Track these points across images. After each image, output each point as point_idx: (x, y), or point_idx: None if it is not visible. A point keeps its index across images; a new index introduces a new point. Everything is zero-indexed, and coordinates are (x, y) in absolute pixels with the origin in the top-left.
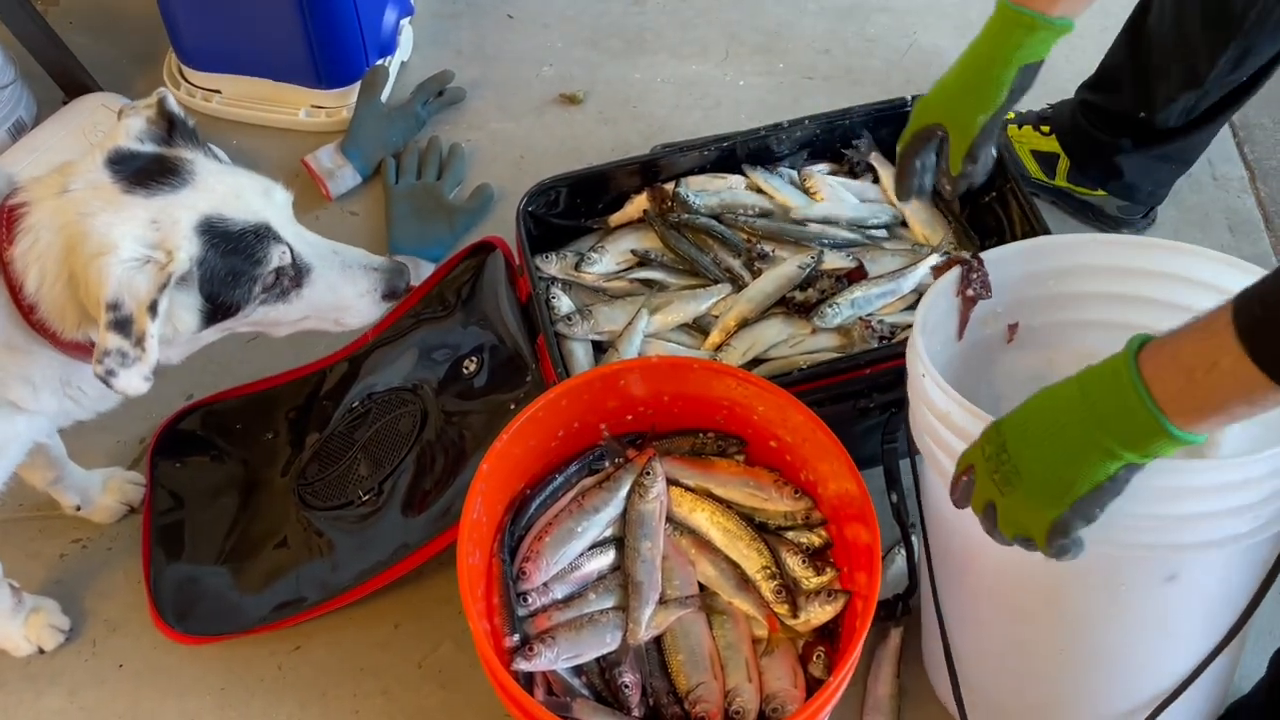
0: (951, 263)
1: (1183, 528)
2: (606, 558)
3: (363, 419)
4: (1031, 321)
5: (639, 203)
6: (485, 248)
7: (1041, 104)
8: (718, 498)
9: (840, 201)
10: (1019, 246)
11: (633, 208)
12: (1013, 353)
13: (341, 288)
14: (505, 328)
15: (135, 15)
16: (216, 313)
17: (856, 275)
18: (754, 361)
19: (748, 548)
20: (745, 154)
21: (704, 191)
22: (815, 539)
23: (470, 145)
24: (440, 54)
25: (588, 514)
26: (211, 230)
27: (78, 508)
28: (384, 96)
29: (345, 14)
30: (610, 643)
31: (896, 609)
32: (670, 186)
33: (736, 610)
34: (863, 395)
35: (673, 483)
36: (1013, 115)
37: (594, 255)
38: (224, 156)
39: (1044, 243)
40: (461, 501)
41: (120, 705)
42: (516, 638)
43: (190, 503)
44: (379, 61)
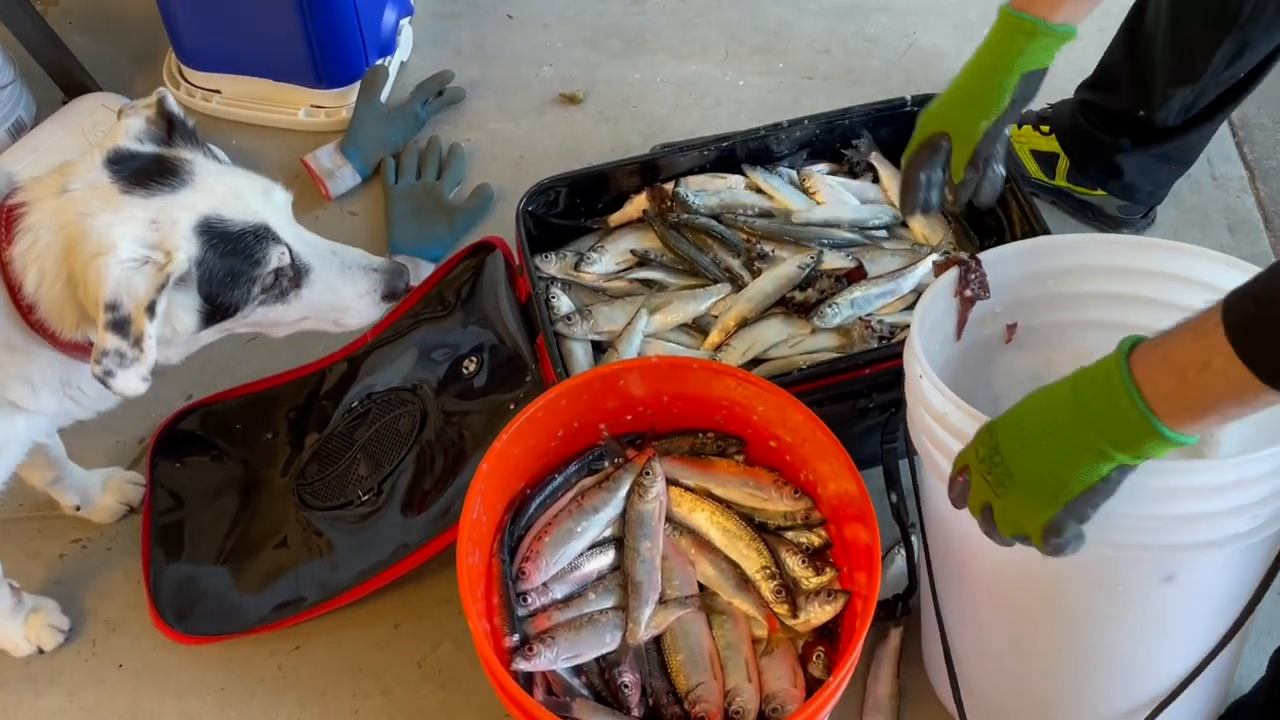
0: (949, 263)
1: (1181, 528)
2: (606, 558)
3: (362, 419)
4: (1030, 322)
5: (639, 203)
6: (485, 248)
7: (1041, 104)
8: (717, 498)
9: (841, 203)
10: (1017, 246)
11: (632, 208)
12: (1011, 353)
13: (341, 288)
14: (505, 328)
15: (135, 15)
16: (215, 313)
17: (856, 275)
18: (753, 361)
19: (747, 548)
20: (745, 154)
21: (704, 191)
22: (815, 539)
23: (470, 145)
24: (440, 54)
25: (587, 514)
26: (210, 231)
27: (77, 508)
28: (384, 96)
29: (345, 14)
30: (610, 643)
31: (896, 609)
32: (670, 186)
33: (736, 610)
34: (862, 395)
35: (672, 483)
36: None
37: (594, 255)
38: (223, 157)
39: (1043, 243)
40: (461, 501)
41: (120, 705)
42: (516, 638)
43: (190, 503)
44: (379, 61)
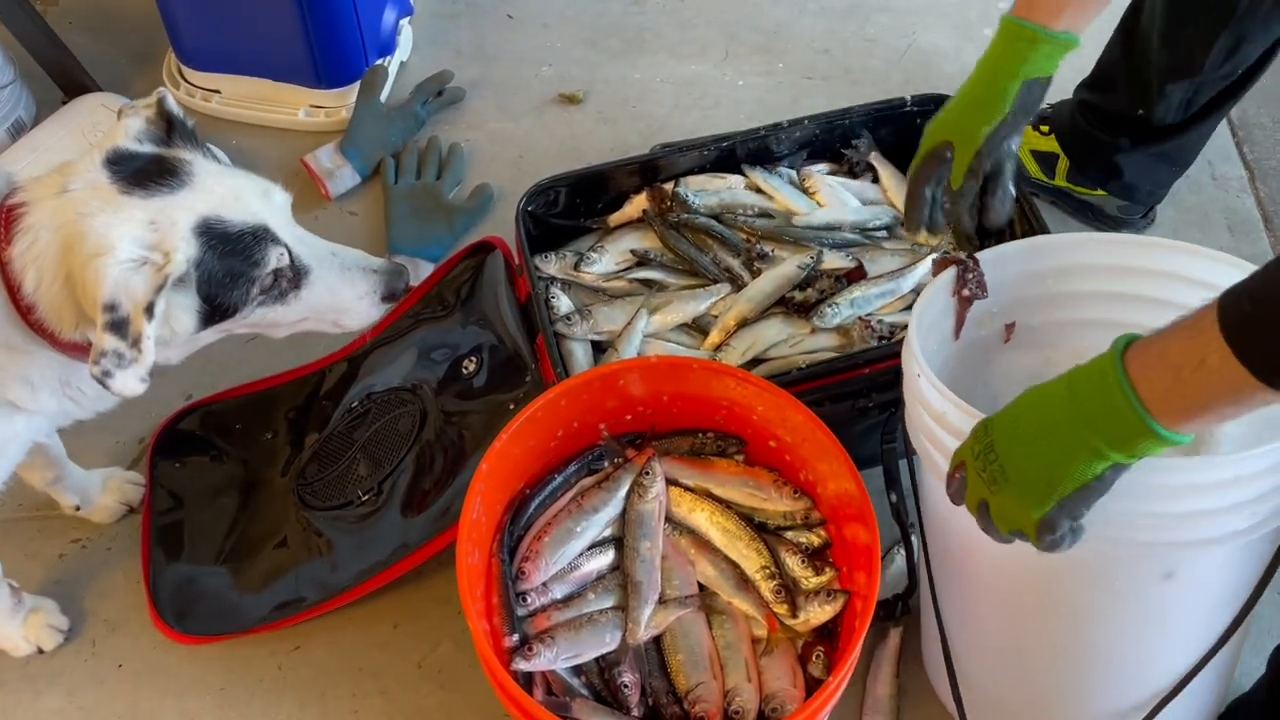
0: (947, 262)
1: (1179, 525)
2: (606, 557)
3: (362, 419)
4: (1029, 321)
5: (638, 203)
6: (484, 248)
7: (1041, 104)
8: (717, 497)
9: (841, 205)
10: (1016, 246)
11: (632, 208)
12: (1010, 352)
13: (340, 290)
14: (505, 328)
15: (135, 15)
16: (214, 314)
17: (856, 275)
18: (753, 361)
19: (747, 547)
20: (745, 154)
21: (703, 191)
22: (814, 539)
23: (469, 145)
24: (440, 54)
25: (587, 514)
26: (209, 232)
27: (77, 508)
28: (383, 96)
29: (345, 14)
30: (609, 642)
31: (896, 609)
32: (670, 186)
33: (736, 610)
34: (862, 395)
35: (672, 482)
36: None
37: (593, 255)
38: (223, 157)
39: (1041, 242)
40: (461, 501)
41: (119, 705)
42: (516, 637)
43: (190, 503)
44: (378, 61)
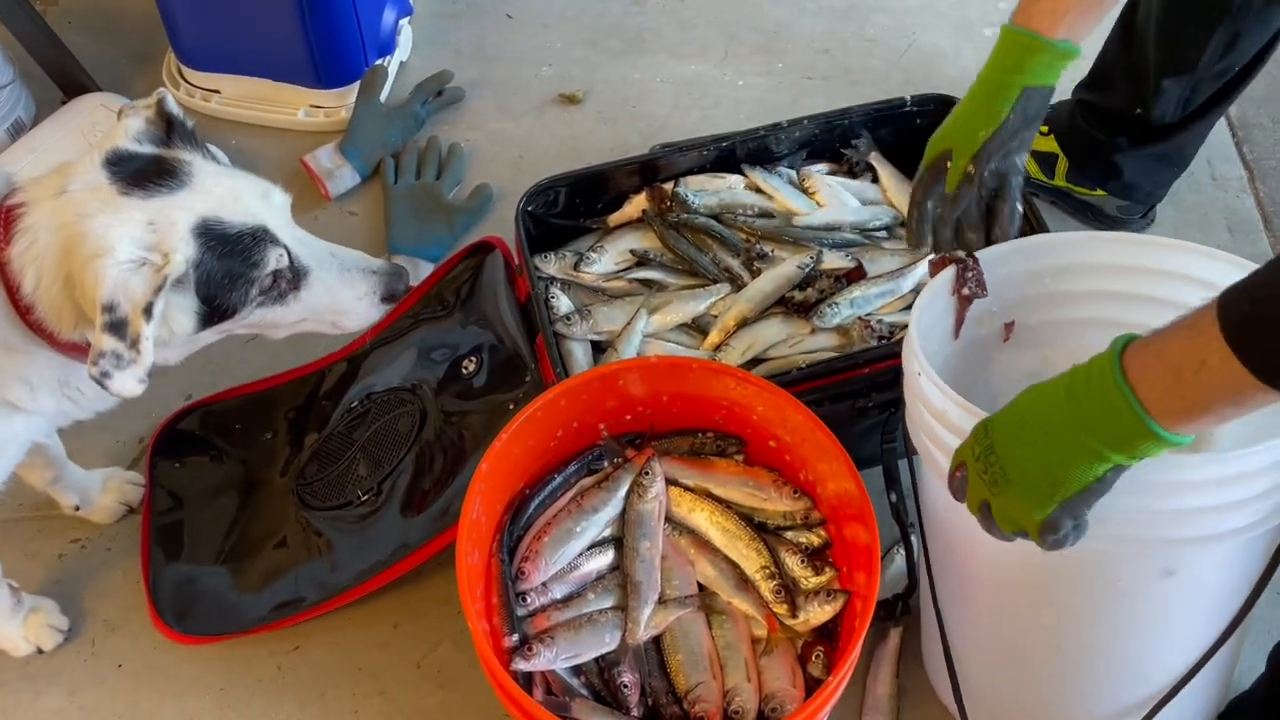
0: (946, 261)
1: (1180, 522)
2: (605, 557)
3: (362, 419)
4: (1028, 320)
5: (638, 202)
6: (484, 247)
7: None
8: (717, 497)
9: (841, 205)
10: (1015, 245)
11: (632, 208)
12: (1009, 351)
13: (339, 291)
14: (504, 327)
15: (134, 15)
16: (213, 315)
17: (855, 275)
18: (753, 361)
19: (747, 547)
20: (744, 154)
21: (703, 191)
22: (814, 539)
23: (469, 145)
24: (439, 54)
25: (586, 514)
26: (209, 233)
27: (77, 508)
28: (383, 96)
29: (344, 14)
30: (609, 642)
31: (896, 609)
32: (669, 186)
33: (735, 610)
34: (861, 395)
35: (671, 482)
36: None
37: (593, 255)
38: (223, 158)
39: (1040, 241)
40: (460, 501)
41: (119, 705)
42: (515, 637)
43: (189, 503)
44: (378, 61)
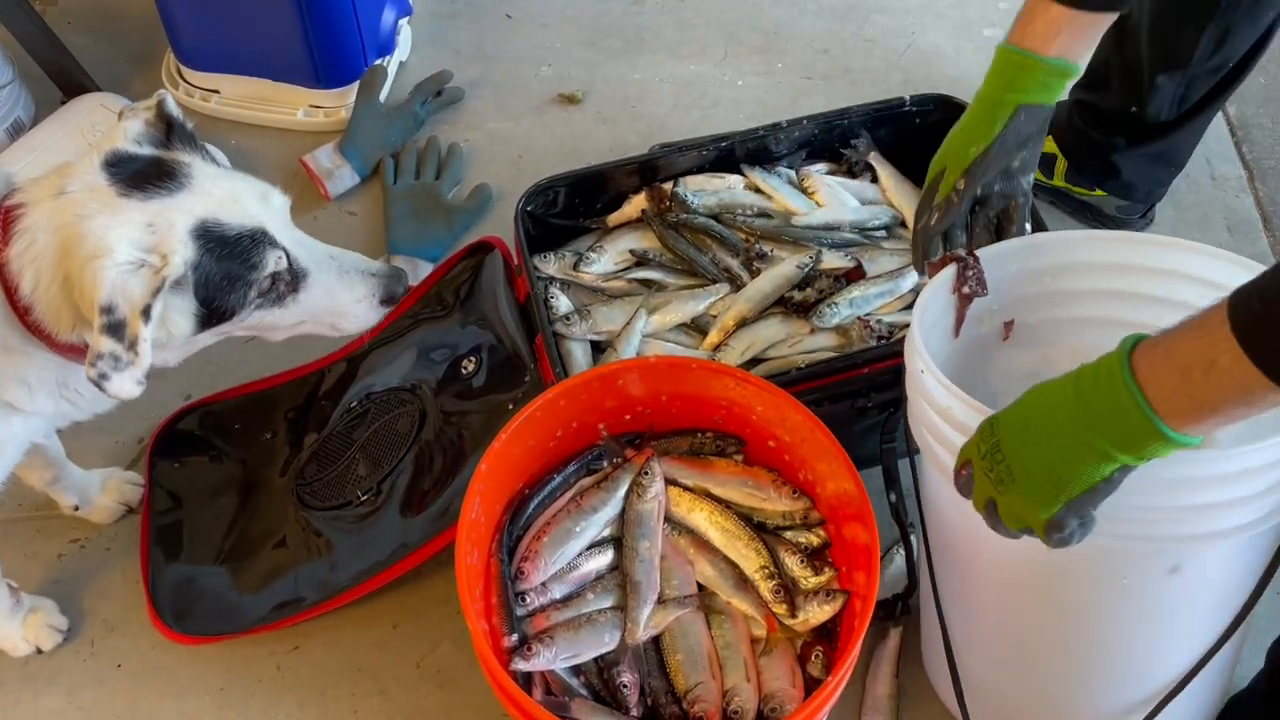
0: (946, 260)
1: (1186, 519)
2: (605, 557)
3: (361, 419)
4: (1028, 319)
5: (637, 202)
6: (484, 248)
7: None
8: (716, 497)
9: (840, 205)
10: (1014, 243)
11: (631, 207)
12: (1009, 350)
13: (338, 293)
14: (504, 328)
15: (134, 15)
16: (211, 317)
17: (855, 275)
18: (752, 361)
19: (746, 547)
20: (744, 154)
21: (702, 191)
22: (814, 539)
23: (469, 145)
24: (439, 54)
25: (586, 514)
26: (207, 234)
27: (76, 508)
28: (382, 96)
29: (344, 14)
30: (608, 642)
31: (895, 609)
32: (669, 186)
33: (735, 610)
34: (861, 395)
35: (671, 482)
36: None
37: (592, 255)
38: (222, 159)
39: (1039, 240)
40: (460, 501)
41: (118, 705)
42: (515, 637)
43: (189, 503)
44: (377, 61)
